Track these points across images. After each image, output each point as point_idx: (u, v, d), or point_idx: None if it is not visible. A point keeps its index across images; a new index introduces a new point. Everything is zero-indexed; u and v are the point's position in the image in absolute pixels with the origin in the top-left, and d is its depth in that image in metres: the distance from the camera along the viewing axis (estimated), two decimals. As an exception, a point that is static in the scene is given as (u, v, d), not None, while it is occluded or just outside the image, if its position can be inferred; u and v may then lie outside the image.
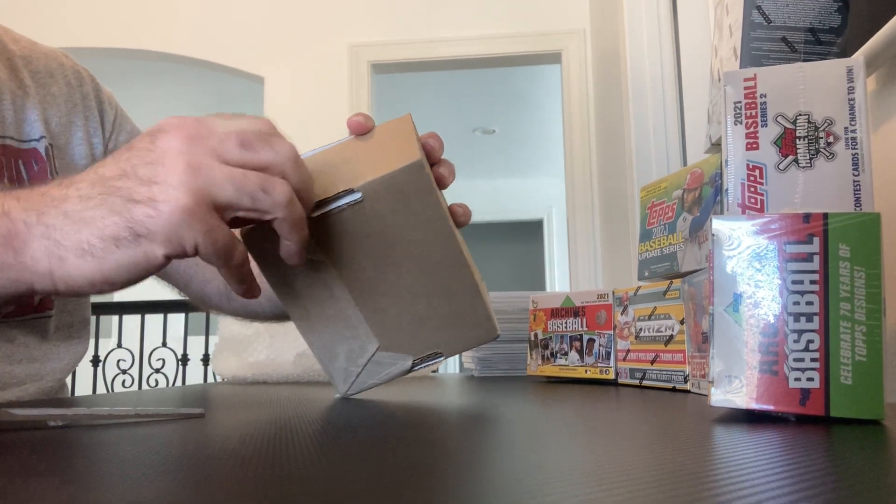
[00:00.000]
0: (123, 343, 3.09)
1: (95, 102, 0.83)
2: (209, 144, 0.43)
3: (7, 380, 0.71)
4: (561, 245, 6.08)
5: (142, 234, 0.41)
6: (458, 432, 0.36)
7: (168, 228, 0.41)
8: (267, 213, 0.44)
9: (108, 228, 0.41)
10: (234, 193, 0.42)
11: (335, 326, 0.56)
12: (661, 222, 0.77)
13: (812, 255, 0.39)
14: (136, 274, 0.42)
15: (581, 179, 2.99)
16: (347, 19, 3.22)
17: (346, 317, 0.55)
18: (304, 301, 0.55)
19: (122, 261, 0.41)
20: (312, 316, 0.56)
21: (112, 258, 0.41)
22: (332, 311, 0.55)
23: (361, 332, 0.56)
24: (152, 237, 0.41)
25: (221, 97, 4.55)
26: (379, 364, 0.57)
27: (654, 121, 2.10)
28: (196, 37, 3.26)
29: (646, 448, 0.30)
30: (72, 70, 0.82)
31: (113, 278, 0.42)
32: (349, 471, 0.25)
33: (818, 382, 0.38)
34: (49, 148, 0.76)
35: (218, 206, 0.42)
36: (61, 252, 0.41)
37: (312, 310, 0.55)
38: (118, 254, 0.41)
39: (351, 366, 0.57)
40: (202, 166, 0.42)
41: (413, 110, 4.84)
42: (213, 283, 0.84)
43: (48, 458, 0.29)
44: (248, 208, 0.43)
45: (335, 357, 0.57)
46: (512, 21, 3.14)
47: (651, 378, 0.71)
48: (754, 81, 0.49)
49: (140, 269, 0.42)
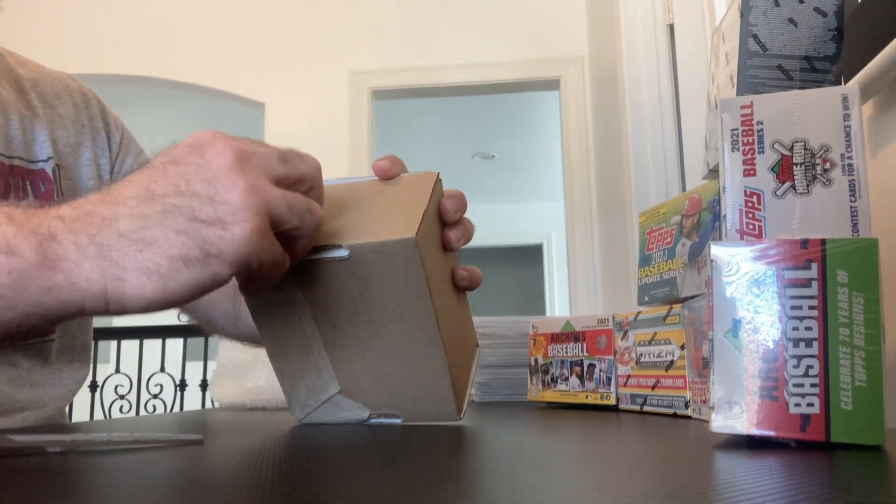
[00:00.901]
0: (121, 368, 3.08)
1: (102, 124, 0.84)
2: (257, 162, 0.43)
3: (10, 406, 0.71)
4: (561, 269, 6.08)
5: (213, 253, 0.40)
6: (457, 457, 0.36)
7: (240, 248, 0.41)
8: (307, 233, 0.46)
9: (174, 248, 0.40)
10: (288, 213, 0.43)
11: (302, 360, 0.56)
12: (660, 247, 0.78)
13: (810, 281, 0.39)
14: (197, 293, 0.42)
15: (580, 204, 3.00)
16: (348, 46, 3.25)
17: (314, 356, 0.55)
18: (277, 330, 0.55)
19: (190, 281, 0.41)
20: (282, 346, 0.56)
21: (180, 278, 0.40)
22: (300, 347, 0.55)
23: (325, 374, 0.56)
24: (224, 257, 0.41)
25: (221, 123, 4.58)
26: (337, 406, 0.57)
27: (652, 146, 2.12)
28: (197, 63, 3.29)
29: (647, 474, 0.30)
30: (78, 92, 0.83)
31: (174, 298, 0.41)
32: (349, 496, 0.25)
33: (818, 408, 0.38)
34: (56, 169, 0.76)
35: (273, 223, 0.43)
36: (120, 273, 0.40)
37: (282, 340, 0.56)
38: (186, 273, 0.40)
39: (310, 399, 0.58)
40: (259, 186, 0.42)
41: (413, 136, 4.87)
42: (219, 306, 0.84)
43: (47, 484, 0.29)
44: (295, 227, 0.45)
45: (297, 387, 0.58)
46: (511, 48, 3.17)
47: (652, 404, 0.71)
48: (751, 109, 0.50)
49: (204, 288, 0.41)
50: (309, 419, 0.59)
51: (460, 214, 0.56)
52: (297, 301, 0.53)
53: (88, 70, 3.21)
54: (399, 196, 0.53)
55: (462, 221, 0.56)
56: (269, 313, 0.55)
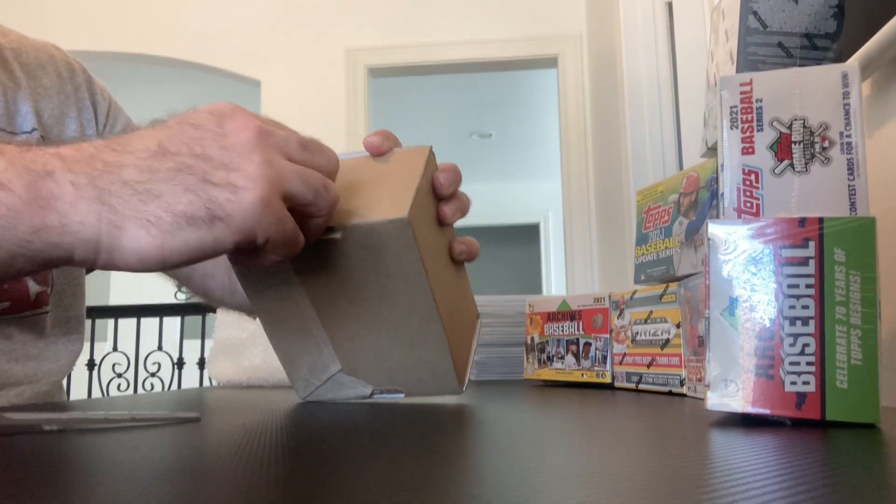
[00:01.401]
0: (119, 347, 3.08)
1: (88, 94, 0.82)
2: (276, 141, 0.43)
3: (5, 379, 0.71)
4: (557, 248, 6.08)
5: (219, 216, 0.39)
6: (453, 435, 0.36)
7: (246, 215, 0.40)
8: (321, 211, 0.45)
9: (181, 205, 0.39)
10: (303, 187, 0.43)
11: (300, 340, 0.56)
12: (657, 226, 0.77)
13: (807, 260, 0.39)
14: (195, 257, 0.40)
15: (577, 183, 3.00)
16: (344, 23, 3.23)
17: (312, 335, 0.55)
18: (274, 311, 0.55)
19: (190, 240, 0.39)
20: (279, 326, 0.56)
21: (181, 236, 0.39)
22: (298, 326, 0.55)
23: (325, 352, 0.56)
24: (229, 221, 0.40)
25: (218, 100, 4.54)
26: (339, 384, 0.57)
27: (650, 125, 2.11)
28: (192, 40, 3.26)
29: (642, 452, 0.30)
30: (63, 62, 0.81)
31: (171, 257, 0.39)
32: (345, 473, 0.25)
33: (814, 386, 0.38)
34: (41, 141, 0.75)
35: (286, 197, 0.42)
36: (118, 220, 0.39)
37: (280, 321, 0.55)
38: (187, 232, 0.39)
39: (312, 378, 0.58)
40: (274, 160, 0.42)
41: (410, 114, 4.85)
42: (216, 277, 0.84)
43: (43, 462, 0.29)
44: (310, 202, 0.44)
45: (298, 367, 0.58)
46: (508, 25, 3.15)
47: (647, 382, 0.71)
48: (750, 86, 0.50)
49: (204, 253, 0.40)
50: (312, 397, 0.59)
51: (454, 188, 0.55)
52: (291, 281, 0.53)
53: (84, 47, 3.18)
54: (391, 172, 0.52)
55: (457, 195, 0.56)
56: (264, 295, 0.54)
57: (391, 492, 0.22)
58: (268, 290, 0.54)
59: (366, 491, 0.22)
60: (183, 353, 3.11)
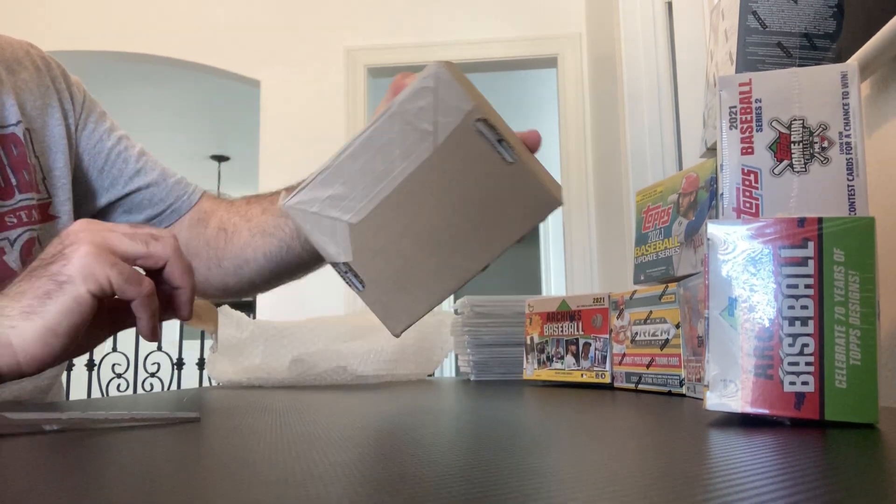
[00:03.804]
0: (119, 347, 3.08)
1: (65, 85, 0.84)
2: (105, 227, 0.54)
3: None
4: (557, 248, 6.08)
5: (63, 280, 0.50)
6: (453, 435, 0.36)
7: (81, 268, 0.50)
8: (160, 260, 0.55)
9: (38, 290, 0.51)
10: (130, 242, 0.53)
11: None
12: (656, 226, 0.78)
13: (807, 260, 0.39)
14: (74, 319, 0.51)
15: (577, 183, 3.00)
16: (344, 23, 3.23)
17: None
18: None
19: (58, 309, 0.50)
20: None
21: (50, 309, 0.50)
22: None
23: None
24: (72, 280, 0.50)
25: (217, 101, 4.55)
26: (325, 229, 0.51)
27: (649, 125, 2.11)
28: (192, 40, 3.26)
29: (641, 452, 0.30)
30: (38, 57, 0.84)
31: (56, 328, 0.50)
32: (344, 474, 0.25)
33: (813, 386, 0.38)
34: (27, 132, 0.77)
35: (117, 253, 0.53)
36: (12, 322, 0.50)
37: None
38: (52, 304, 0.50)
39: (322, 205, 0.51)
40: (101, 236, 0.53)
41: (409, 114, 4.83)
42: (251, 263, 0.85)
43: (43, 462, 0.29)
44: (145, 254, 0.54)
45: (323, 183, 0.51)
46: (508, 25, 3.15)
47: (647, 382, 0.72)
48: (749, 86, 0.50)
49: (75, 312, 0.50)
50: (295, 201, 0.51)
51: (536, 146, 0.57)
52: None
53: (84, 47, 3.18)
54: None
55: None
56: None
57: (391, 492, 0.22)
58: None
59: (366, 488, 0.22)
60: (182, 354, 3.11)
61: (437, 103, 0.49)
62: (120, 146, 0.87)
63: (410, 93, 0.49)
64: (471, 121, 0.49)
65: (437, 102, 0.49)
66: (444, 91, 0.49)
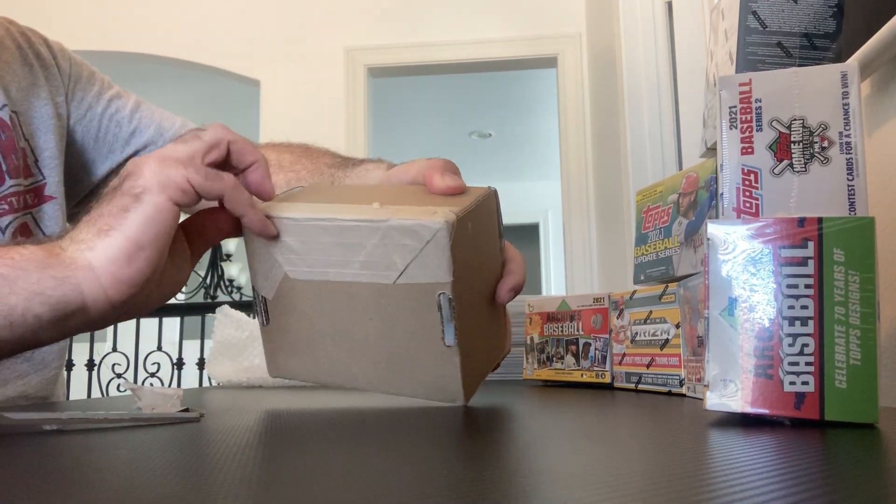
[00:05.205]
0: (119, 347, 3.08)
1: (50, 56, 0.82)
2: (156, 151, 0.50)
3: (7, 375, 0.71)
4: (557, 249, 6.08)
5: (139, 192, 0.46)
6: (453, 434, 0.36)
7: (155, 178, 0.46)
8: (222, 143, 0.50)
9: (114, 208, 0.46)
10: (185, 145, 0.49)
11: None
12: (656, 226, 0.78)
13: (807, 260, 0.39)
14: (158, 228, 0.46)
15: (577, 183, 3.00)
16: (344, 23, 3.23)
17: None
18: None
19: (138, 219, 0.46)
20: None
21: (130, 222, 0.46)
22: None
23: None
24: (148, 189, 0.46)
25: (217, 101, 4.55)
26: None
27: (649, 125, 2.11)
28: (192, 40, 3.26)
29: (641, 452, 0.30)
30: (18, 33, 0.81)
31: (140, 238, 0.46)
32: (344, 473, 0.25)
33: (813, 386, 0.38)
34: (14, 115, 0.75)
35: (182, 157, 0.48)
36: (89, 244, 0.46)
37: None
38: (131, 216, 0.46)
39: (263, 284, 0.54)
40: (160, 153, 0.48)
41: (409, 114, 4.85)
42: None
43: (43, 462, 0.29)
44: (208, 144, 0.49)
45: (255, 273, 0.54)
46: (508, 25, 3.15)
47: (647, 382, 0.72)
48: (749, 86, 0.50)
49: (158, 221, 0.46)
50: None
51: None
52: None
53: (84, 47, 3.18)
54: (447, 199, 0.51)
55: (513, 271, 0.57)
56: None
57: (390, 492, 0.22)
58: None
59: (365, 490, 0.22)
60: (182, 354, 3.11)
61: (419, 255, 0.48)
62: (111, 109, 0.84)
63: (406, 224, 0.47)
64: (437, 290, 0.48)
65: (419, 255, 0.48)
66: (432, 251, 0.47)
